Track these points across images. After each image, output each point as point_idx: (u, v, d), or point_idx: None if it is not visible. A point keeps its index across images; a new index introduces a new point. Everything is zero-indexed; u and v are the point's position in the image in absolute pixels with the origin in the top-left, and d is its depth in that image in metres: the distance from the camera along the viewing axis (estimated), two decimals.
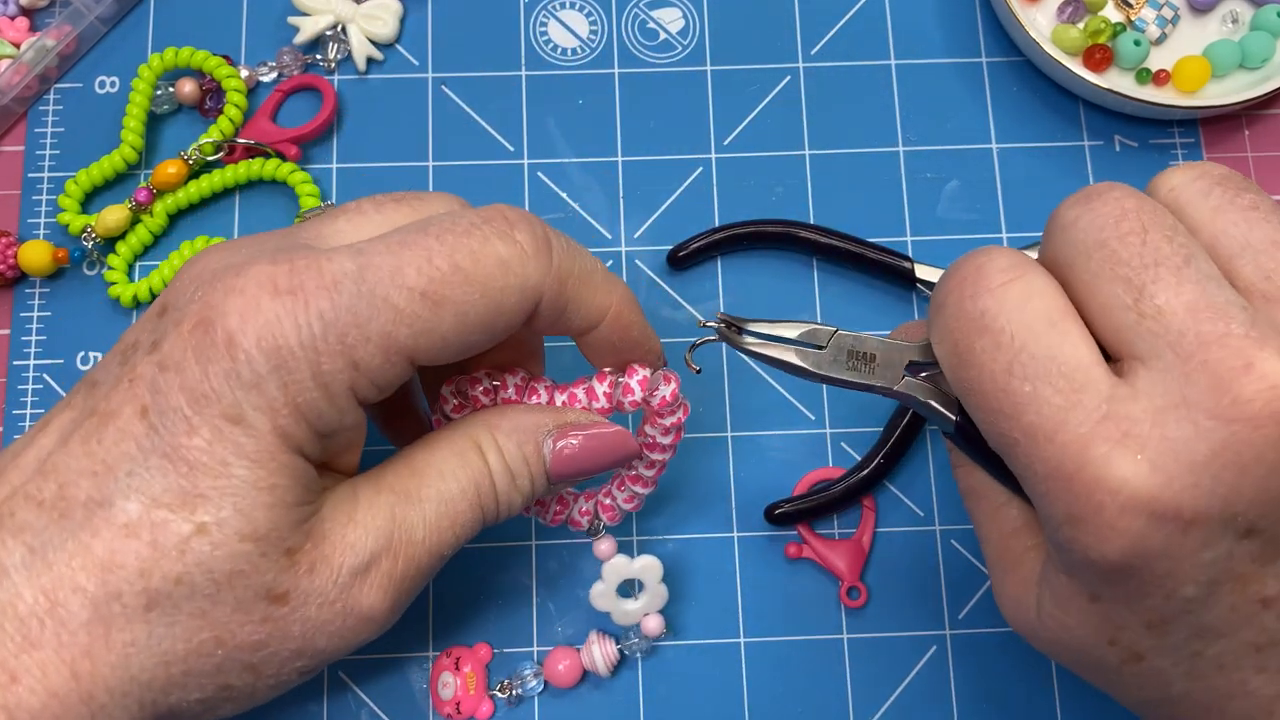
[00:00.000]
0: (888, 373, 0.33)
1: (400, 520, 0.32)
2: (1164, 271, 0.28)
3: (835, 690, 0.43)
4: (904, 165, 0.48)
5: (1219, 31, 0.49)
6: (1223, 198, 0.29)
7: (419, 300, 0.29)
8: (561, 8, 0.50)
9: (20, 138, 0.48)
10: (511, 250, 0.31)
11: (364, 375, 0.30)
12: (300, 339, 0.29)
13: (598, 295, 0.33)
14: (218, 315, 0.29)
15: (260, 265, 0.29)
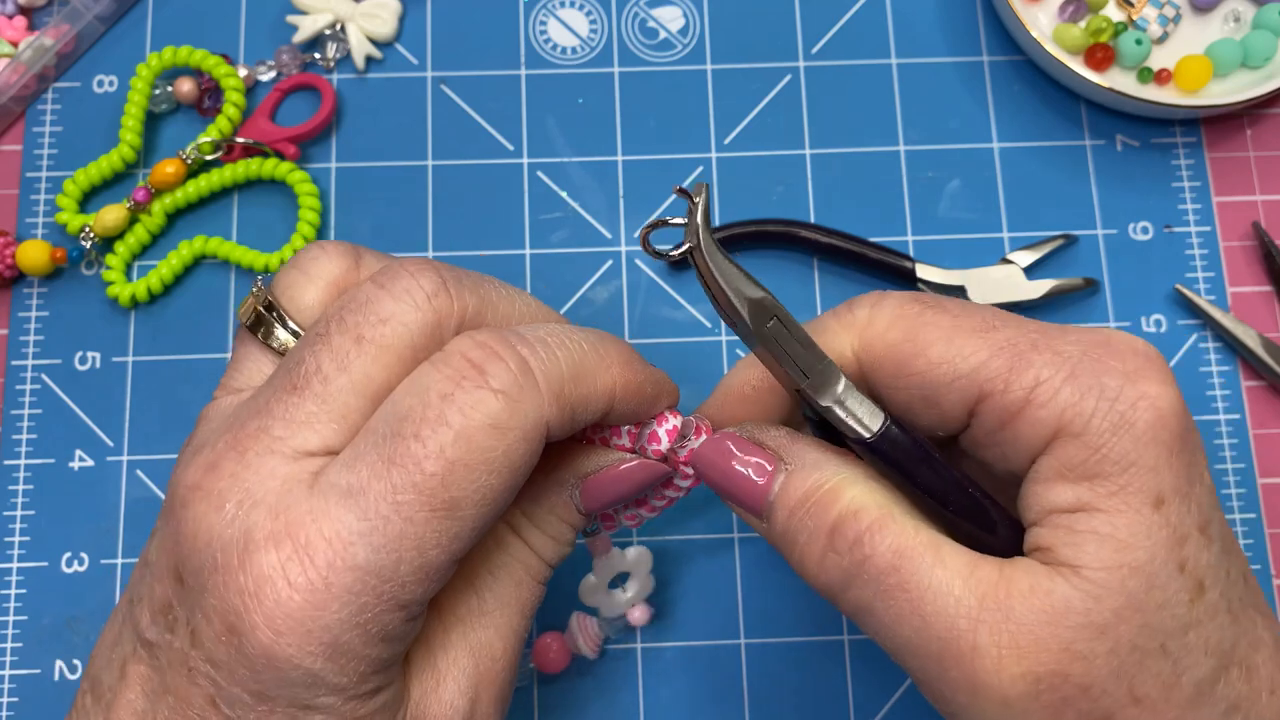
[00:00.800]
0: (813, 363, 0.30)
1: (478, 646, 0.31)
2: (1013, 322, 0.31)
3: (836, 691, 0.42)
4: (905, 165, 0.48)
5: (1221, 30, 0.49)
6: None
7: (433, 518, 0.27)
8: (561, 6, 0.50)
9: (18, 137, 0.48)
10: (496, 405, 0.27)
11: (413, 603, 0.28)
12: (338, 621, 0.27)
13: (597, 382, 0.30)
14: (245, 627, 0.27)
15: (261, 553, 0.27)
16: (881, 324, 0.31)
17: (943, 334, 0.30)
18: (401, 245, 0.46)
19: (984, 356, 0.29)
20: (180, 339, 0.45)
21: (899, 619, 0.28)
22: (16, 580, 0.43)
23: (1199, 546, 0.28)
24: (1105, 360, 0.29)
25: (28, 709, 0.42)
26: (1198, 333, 0.46)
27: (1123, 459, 0.28)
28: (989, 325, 0.30)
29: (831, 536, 0.29)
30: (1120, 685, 0.27)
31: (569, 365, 0.29)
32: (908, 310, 0.31)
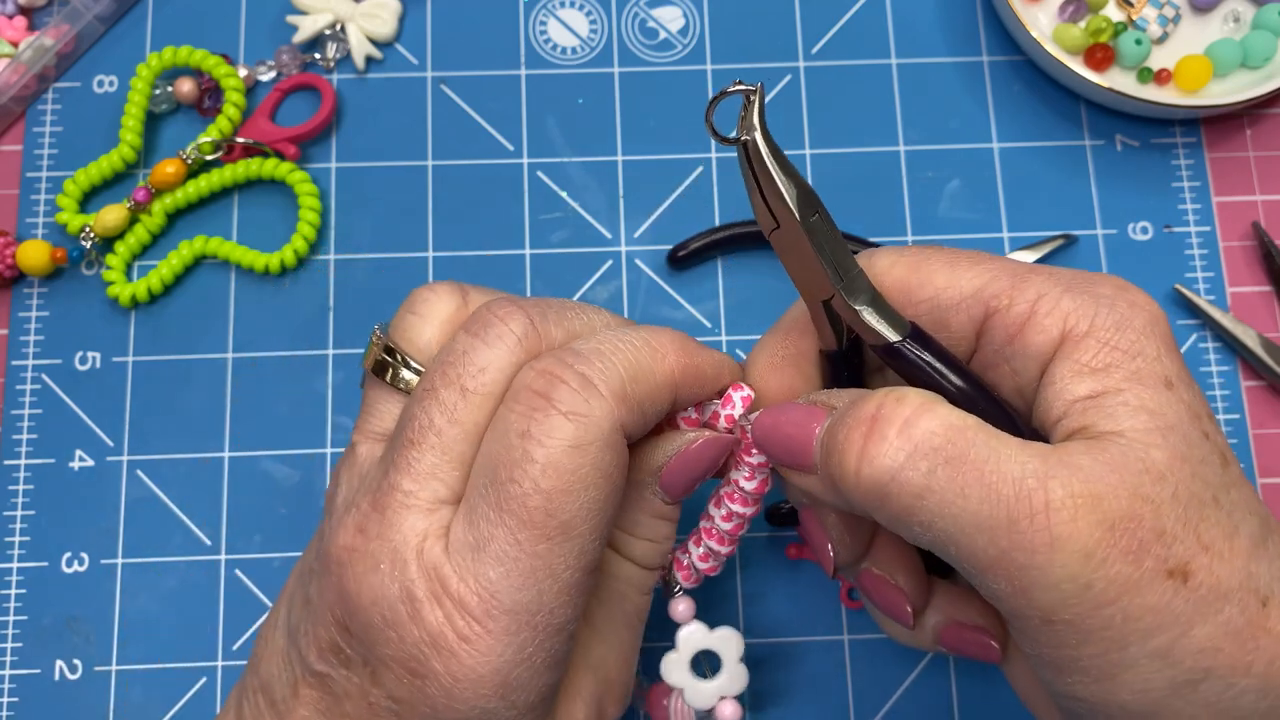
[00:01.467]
0: (851, 283, 0.31)
1: (596, 664, 0.33)
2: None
3: (836, 691, 0.42)
4: (905, 165, 0.48)
5: (1220, 30, 0.49)
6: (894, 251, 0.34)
7: (554, 546, 0.29)
8: (561, 6, 0.50)
9: (19, 137, 0.48)
10: (570, 427, 0.30)
11: (568, 623, 0.31)
12: (505, 663, 0.30)
13: (656, 375, 0.32)
14: (427, 672, 0.29)
15: (426, 611, 0.29)
16: (884, 264, 0.33)
17: (944, 264, 0.32)
18: (402, 245, 0.46)
19: (986, 279, 0.31)
20: (180, 339, 0.45)
21: (961, 491, 0.27)
22: (17, 580, 0.43)
23: (1212, 425, 0.30)
24: (1094, 278, 0.31)
25: (28, 709, 0.42)
26: (1197, 333, 0.46)
27: (1130, 348, 0.29)
28: (984, 258, 0.32)
29: (875, 423, 0.29)
30: (1189, 531, 0.27)
31: (627, 368, 0.31)
32: (906, 251, 0.33)
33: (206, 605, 0.43)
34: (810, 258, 0.30)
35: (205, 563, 0.43)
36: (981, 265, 0.32)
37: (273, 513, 0.44)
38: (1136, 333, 0.29)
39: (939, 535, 0.28)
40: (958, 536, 0.28)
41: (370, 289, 0.46)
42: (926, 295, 0.32)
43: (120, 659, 0.42)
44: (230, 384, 0.45)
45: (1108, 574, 0.27)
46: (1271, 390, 0.46)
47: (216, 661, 0.42)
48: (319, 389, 0.45)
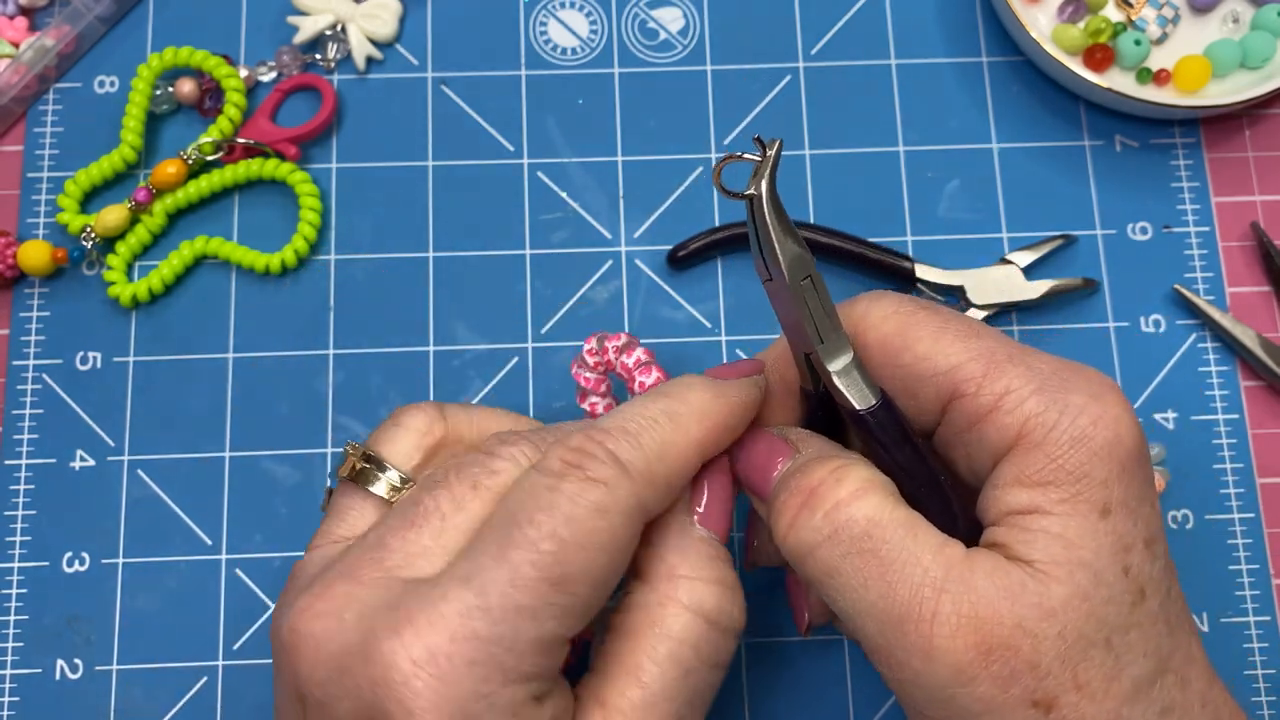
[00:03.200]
0: (829, 333, 0.32)
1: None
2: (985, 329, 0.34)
3: (836, 691, 0.42)
4: (904, 165, 0.48)
5: (1220, 31, 0.49)
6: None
7: (546, 590, 0.29)
8: (561, 7, 0.50)
9: (19, 137, 0.48)
10: (598, 492, 0.30)
11: (536, 680, 0.29)
12: (465, 693, 0.28)
13: (682, 449, 0.32)
14: (381, 715, 0.28)
15: (385, 643, 0.28)
16: (876, 317, 0.33)
17: (930, 333, 0.32)
18: (402, 245, 0.47)
19: (963, 359, 0.32)
20: (181, 339, 0.46)
21: (866, 582, 0.30)
22: (18, 580, 0.43)
23: (1142, 557, 0.30)
24: (1072, 380, 0.31)
25: (29, 708, 0.42)
26: (1196, 333, 0.46)
27: (1076, 470, 0.30)
28: (973, 333, 0.32)
29: (810, 496, 0.31)
30: (1065, 670, 0.29)
31: (652, 447, 0.31)
32: (903, 308, 0.33)
33: (207, 605, 0.43)
34: (796, 315, 0.32)
35: (206, 562, 0.43)
36: (965, 342, 0.32)
37: (273, 512, 0.44)
38: (1090, 453, 0.30)
39: (841, 610, 0.31)
40: (855, 618, 0.30)
41: (370, 289, 0.46)
42: (905, 361, 0.32)
43: (121, 658, 0.42)
44: (231, 384, 0.45)
45: (974, 692, 0.28)
46: (1270, 390, 0.46)
47: (217, 661, 0.42)
48: (319, 389, 0.45)
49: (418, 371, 0.45)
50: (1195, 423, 0.45)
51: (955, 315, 0.33)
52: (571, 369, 0.40)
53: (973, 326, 0.33)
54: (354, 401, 0.45)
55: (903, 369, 0.32)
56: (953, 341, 0.32)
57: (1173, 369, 0.46)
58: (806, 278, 0.31)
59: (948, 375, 0.32)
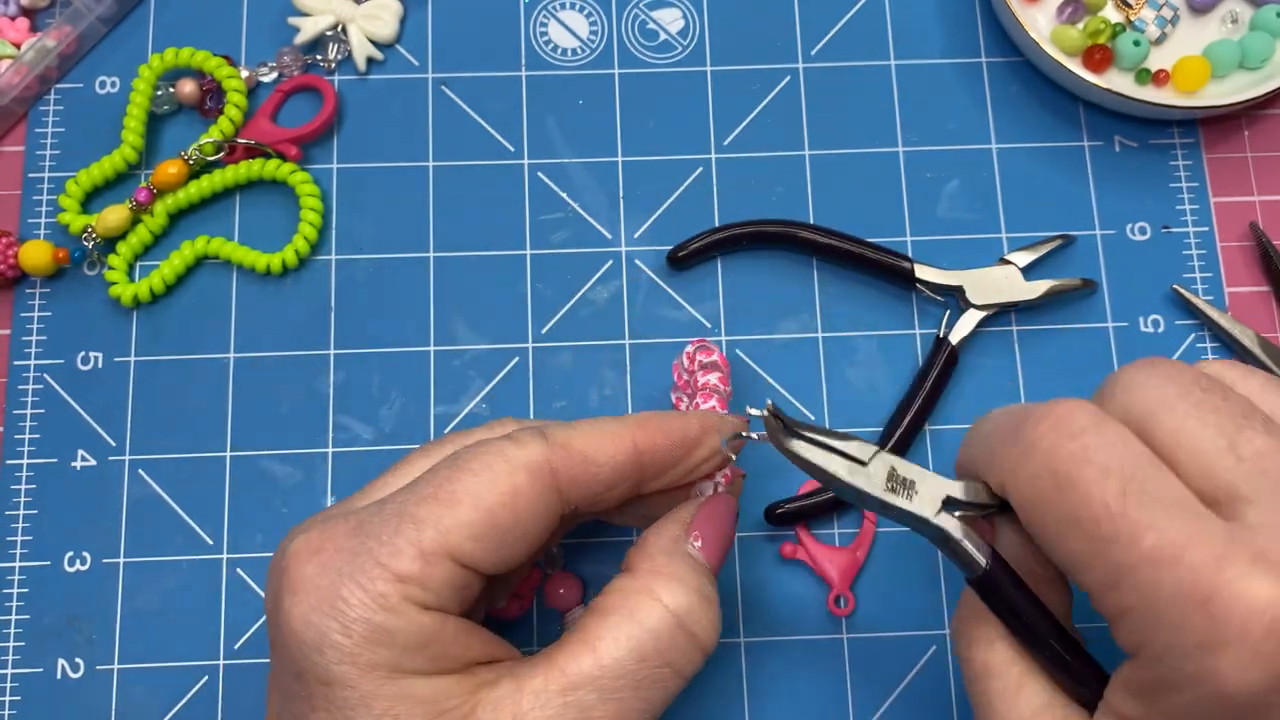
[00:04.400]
0: (924, 502, 0.32)
1: (578, 705, 0.31)
2: (1254, 420, 0.29)
3: (835, 690, 0.43)
4: (904, 165, 0.48)
5: (1219, 31, 0.49)
6: (1263, 378, 0.31)
7: (432, 503, 0.31)
8: (561, 8, 0.50)
9: (21, 138, 0.48)
10: (508, 443, 0.32)
11: (413, 584, 0.30)
12: (339, 573, 0.30)
13: (606, 436, 0.33)
14: (277, 600, 0.31)
15: (296, 539, 0.32)
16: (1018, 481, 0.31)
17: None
18: (402, 246, 0.47)
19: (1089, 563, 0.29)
20: (182, 339, 0.46)
21: (976, 712, 0.33)
22: (19, 579, 0.43)
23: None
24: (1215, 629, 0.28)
25: (30, 708, 0.42)
26: (1195, 333, 0.47)
27: (1187, 707, 0.28)
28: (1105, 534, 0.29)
29: (956, 629, 0.34)
30: None
31: (580, 429, 0.33)
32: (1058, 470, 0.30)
33: (208, 604, 0.43)
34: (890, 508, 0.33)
35: (207, 562, 0.43)
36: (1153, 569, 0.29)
37: (274, 512, 0.44)
38: (1200, 698, 0.27)
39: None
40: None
41: (371, 289, 0.46)
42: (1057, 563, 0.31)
43: (122, 658, 0.42)
44: (232, 384, 0.45)
45: None
46: None
47: (218, 660, 0.43)
48: (320, 389, 0.45)
49: (418, 371, 0.45)
50: None
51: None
52: (674, 363, 0.43)
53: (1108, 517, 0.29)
54: (355, 401, 0.45)
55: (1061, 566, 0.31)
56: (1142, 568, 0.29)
57: None
58: (884, 470, 0.32)
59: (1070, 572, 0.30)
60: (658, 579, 0.33)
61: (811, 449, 0.32)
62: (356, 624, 0.30)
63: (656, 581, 0.33)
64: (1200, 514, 0.27)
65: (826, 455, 0.32)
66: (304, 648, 0.30)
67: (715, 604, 0.33)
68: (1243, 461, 0.28)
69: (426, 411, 0.45)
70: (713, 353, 0.41)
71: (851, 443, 0.32)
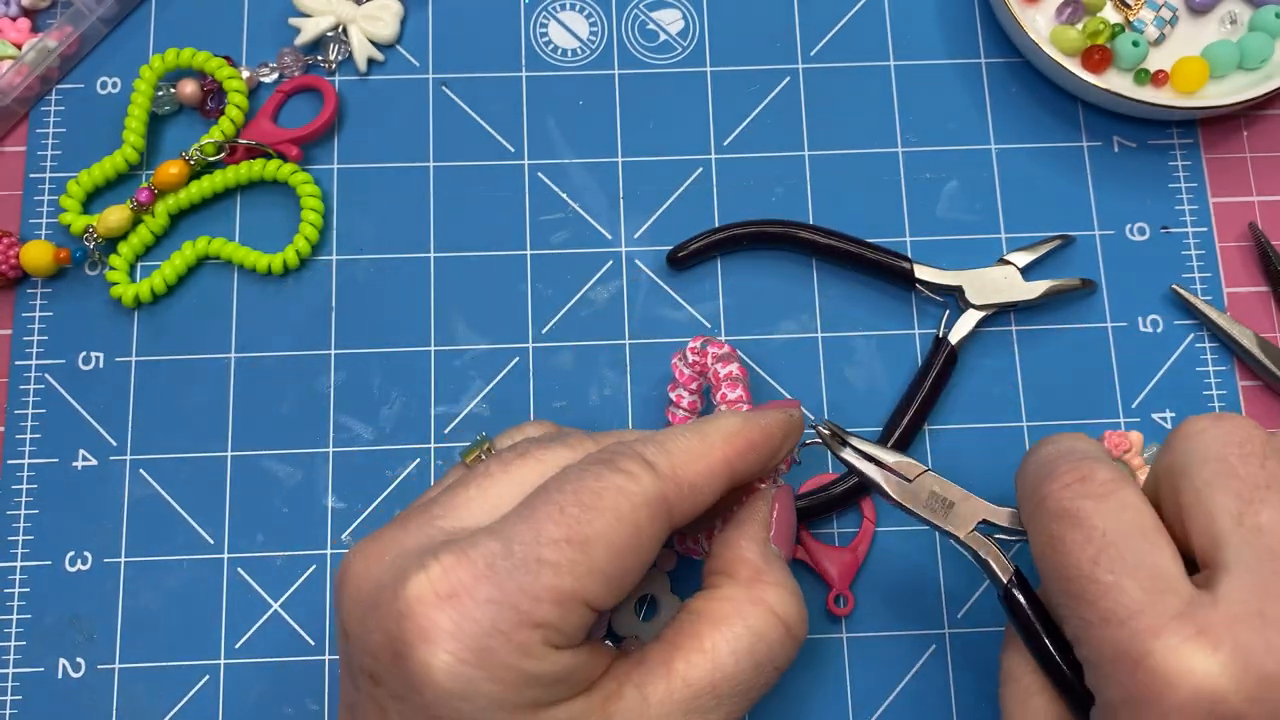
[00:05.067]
0: (959, 521, 0.36)
1: (699, 711, 0.33)
2: (1275, 495, 0.30)
3: (835, 689, 0.43)
4: (903, 166, 0.48)
5: (1217, 32, 0.49)
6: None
7: (566, 548, 0.30)
8: (561, 9, 0.50)
9: (22, 138, 0.48)
10: (622, 478, 0.32)
11: (551, 629, 0.30)
12: (482, 626, 0.30)
13: (709, 459, 0.34)
14: (403, 646, 0.30)
15: (413, 579, 0.30)
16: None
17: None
18: (403, 246, 0.47)
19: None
20: (183, 339, 0.46)
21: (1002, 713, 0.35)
22: (20, 579, 0.43)
23: None
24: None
25: (31, 707, 0.42)
26: (1194, 333, 0.47)
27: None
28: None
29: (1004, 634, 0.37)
30: None
31: (678, 453, 0.33)
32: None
33: (209, 604, 0.43)
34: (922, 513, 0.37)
35: (208, 561, 0.44)
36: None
37: (275, 511, 0.44)
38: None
39: None
40: None
41: (372, 289, 0.46)
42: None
43: (123, 657, 0.43)
44: (233, 384, 0.45)
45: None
46: (1268, 390, 0.46)
47: (219, 660, 0.43)
48: (321, 388, 0.45)
49: (419, 371, 0.45)
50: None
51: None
52: (673, 360, 0.43)
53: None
54: (355, 401, 0.45)
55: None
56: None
57: (1170, 369, 0.46)
58: (925, 490, 0.36)
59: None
60: (765, 588, 0.34)
61: (863, 462, 0.37)
62: (505, 671, 0.30)
63: (765, 590, 0.34)
64: (1166, 587, 0.29)
65: (876, 470, 0.37)
66: (449, 697, 0.30)
67: (803, 598, 0.35)
68: (1240, 529, 0.29)
69: (427, 411, 0.45)
70: (723, 345, 0.41)
71: (901, 459, 0.37)
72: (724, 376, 0.40)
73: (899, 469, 0.36)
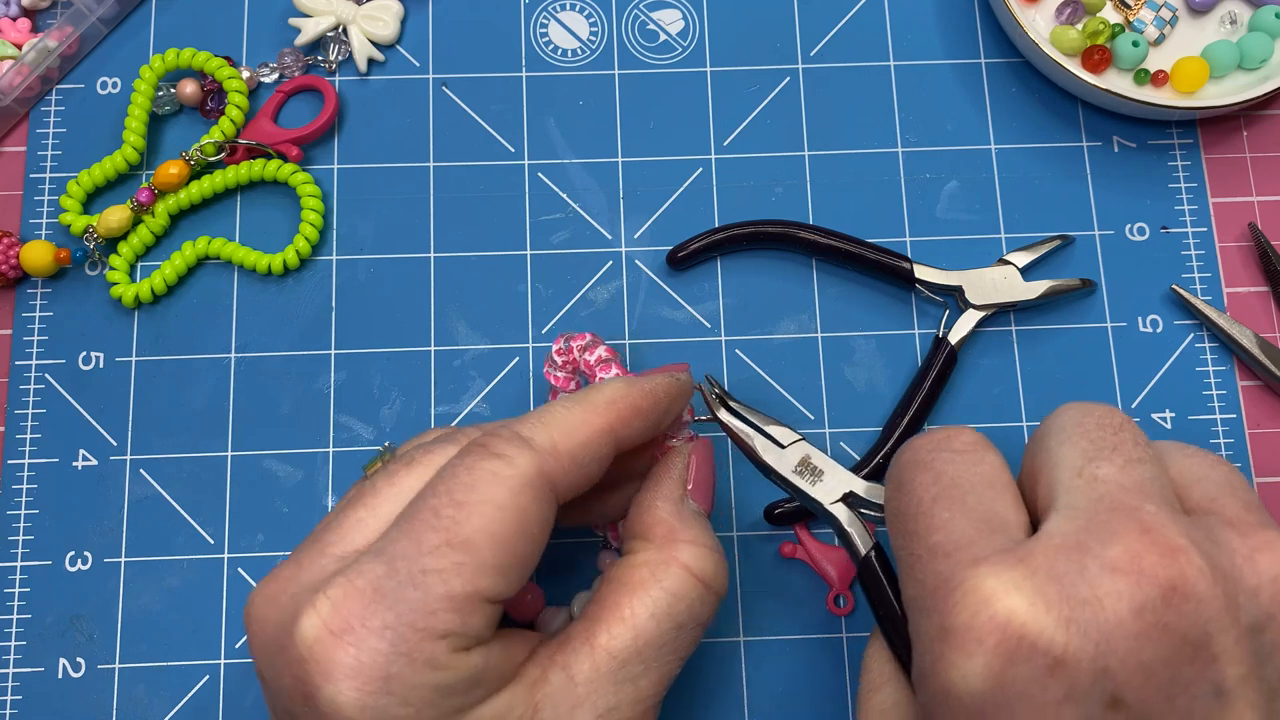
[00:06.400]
0: (824, 491, 0.36)
1: (629, 679, 0.33)
2: (1118, 455, 0.30)
3: (835, 689, 0.43)
4: (903, 166, 0.48)
5: (1217, 32, 0.49)
6: (1197, 451, 0.33)
7: (449, 552, 0.30)
8: (562, 9, 0.50)
9: (22, 138, 0.48)
10: (497, 463, 0.31)
11: (454, 636, 0.30)
12: (384, 656, 0.29)
13: (589, 429, 0.33)
14: (311, 689, 0.29)
15: (305, 620, 0.30)
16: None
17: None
18: (403, 246, 0.47)
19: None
20: (183, 339, 0.46)
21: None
22: (20, 579, 0.43)
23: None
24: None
25: (31, 707, 0.42)
26: (1194, 333, 0.47)
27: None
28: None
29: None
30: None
31: (558, 425, 0.33)
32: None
33: (209, 603, 0.43)
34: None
35: (208, 561, 0.44)
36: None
37: (275, 511, 0.44)
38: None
39: None
40: None
41: (372, 289, 0.46)
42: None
43: (123, 657, 0.43)
44: (233, 384, 0.45)
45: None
46: (1268, 390, 0.46)
47: (219, 659, 0.43)
48: (321, 388, 0.45)
49: (419, 371, 0.45)
50: (1193, 423, 0.45)
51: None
52: (544, 370, 0.41)
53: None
54: (355, 401, 0.45)
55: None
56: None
57: (1170, 369, 0.46)
58: (797, 458, 0.37)
59: None
60: (680, 546, 0.34)
61: (738, 422, 0.37)
62: (415, 692, 0.29)
63: (678, 550, 0.34)
64: (998, 528, 0.29)
65: (751, 430, 0.37)
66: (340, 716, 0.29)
67: (722, 552, 0.35)
68: (1078, 479, 0.30)
69: (427, 411, 0.45)
70: (585, 335, 0.40)
71: (778, 427, 0.37)
72: (595, 362, 0.39)
73: (774, 435, 0.37)
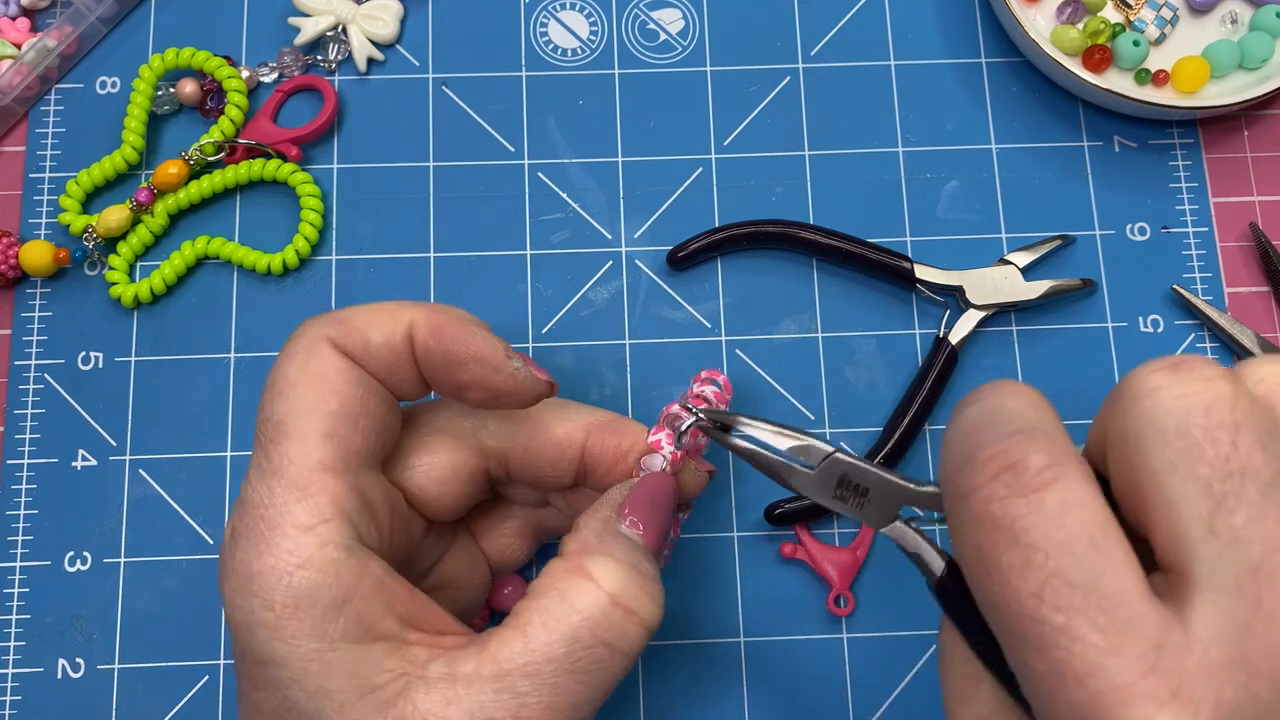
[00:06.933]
0: (877, 513, 0.31)
1: (512, 692, 0.30)
2: (1250, 487, 0.24)
3: (835, 689, 0.43)
4: (903, 165, 0.48)
5: (1218, 32, 0.49)
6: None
7: (275, 440, 0.32)
8: (562, 8, 0.50)
9: (21, 138, 0.48)
10: (289, 347, 0.33)
11: (318, 525, 0.31)
12: (247, 550, 0.31)
13: (382, 311, 0.34)
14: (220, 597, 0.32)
15: (225, 533, 0.32)
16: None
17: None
18: (403, 246, 0.47)
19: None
20: (183, 339, 0.46)
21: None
22: (20, 579, 0.43)
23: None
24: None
25: (31, 707, 0.42)
26: (1195, 333, 0.47)
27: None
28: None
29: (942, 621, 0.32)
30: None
31: (353, 309, 0.34)
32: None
33: (209, 603, 0.43)
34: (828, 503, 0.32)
35: (208, 561, 0.44)
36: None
37: None
38: None
39: None
40: None
41: (372, 289, 0.46)
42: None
43: (123, 657, 0.43)
44: (232, 384, 0.45)
45: None
46: None
47: (219, 659, 0.43)
48: None
49: None
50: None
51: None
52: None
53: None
54: None
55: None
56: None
57: None
58: (834, 478, 0.31)
59: None
60: (588, 557, 0.31)
61: (756, 448, 0.32)
62: (276, 592, 0.30)
63: (587, 560, 0.31)
64: (1128, 623, 0.24)
65: (770, 459, 0.32)
66: (239, 630, 0.30)
67: (653, 579, 0.32)
68: (1213, 538, 0.24)
69: None
70: (718, 375, 0.39)
71: (802, 441, 0.31)
72: (694, 395, 0.38)
73: (800, 455, 0.31)
